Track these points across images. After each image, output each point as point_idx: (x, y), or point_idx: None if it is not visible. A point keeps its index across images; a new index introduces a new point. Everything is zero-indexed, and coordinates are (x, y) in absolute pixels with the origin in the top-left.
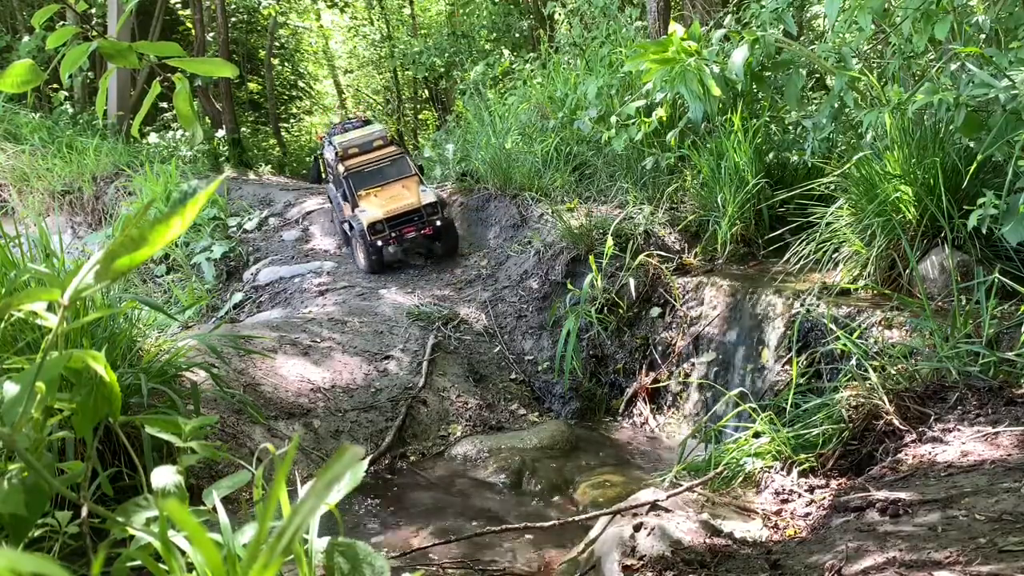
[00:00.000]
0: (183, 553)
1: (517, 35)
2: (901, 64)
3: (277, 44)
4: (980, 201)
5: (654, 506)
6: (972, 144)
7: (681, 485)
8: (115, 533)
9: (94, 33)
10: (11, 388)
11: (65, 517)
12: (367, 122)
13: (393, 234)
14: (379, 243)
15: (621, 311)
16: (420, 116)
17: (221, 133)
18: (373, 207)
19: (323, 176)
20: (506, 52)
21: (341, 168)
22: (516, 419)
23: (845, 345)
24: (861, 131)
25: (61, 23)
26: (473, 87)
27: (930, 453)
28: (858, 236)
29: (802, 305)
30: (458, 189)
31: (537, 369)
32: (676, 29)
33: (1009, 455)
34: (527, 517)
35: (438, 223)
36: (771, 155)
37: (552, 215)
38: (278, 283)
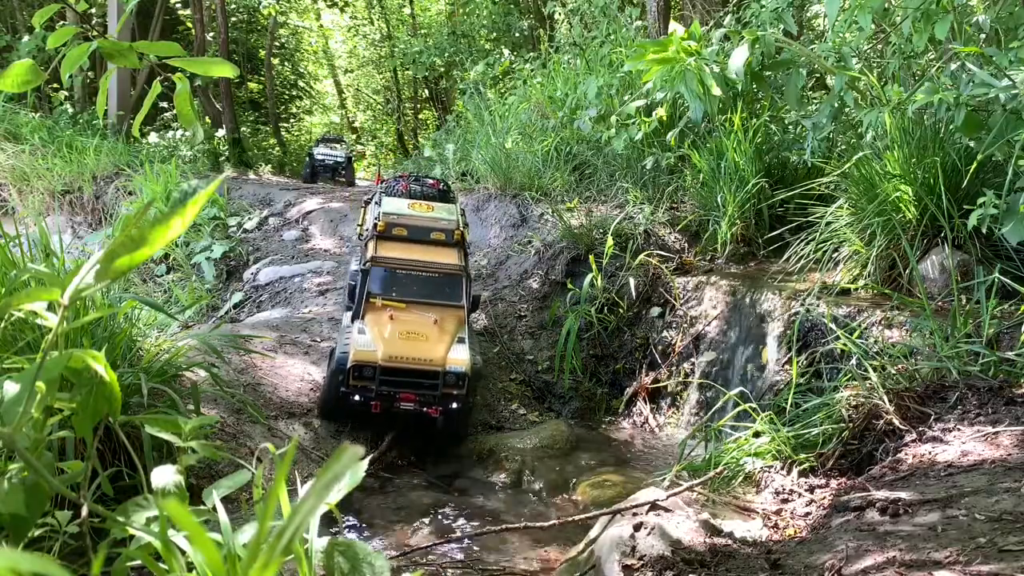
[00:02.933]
0: (183, 553)
1: (517, 35)
2: (901, 64)
3: (277, 44)
4: (980, 201)
5: (654, 506)
6: (972, 144)
7: (681, 485)
8: (115, 533)
9: (94, 33)
10: (11, 388)
11: (65, 517)
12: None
13: (382, 391)
14: (354, 396)
15: (621, 311)
16: (420, 116)
17: (221, 133)
18: (375, 335)
19: (358, 232)
20: (506, 52)
21: (369, 250)
22: (516, 419)
23: (845, 345)
24: (861, 131)
25: (61, 23)
26: (473, 87)
27: (930, 453)
28: (858, 236)
29: (802, 305)
30: (458, 189)
31: (537, 369)
32: (676, 29)
33: (1009, 455)
34: (527, 517)
35: (454, 406)
36: (771, 155)
37: (552, 215)
38: (278, 283)
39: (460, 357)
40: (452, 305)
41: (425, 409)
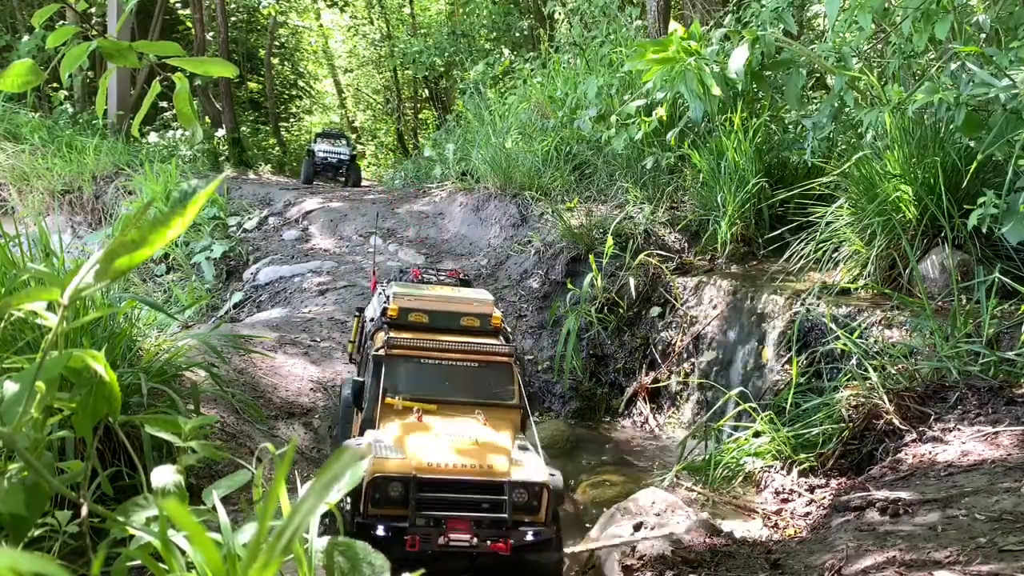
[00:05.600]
0: (183, 552)
1: (517, 34)
2: (901, 63)
3: (277, 43)
4: (980, 200)
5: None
6: (972, 143)
7: (681, 485)
8: (115, 532)
9: (94, 32)
10: (11, 387)
11: (65, 516)
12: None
13: (418, 526)
14: (377, 530)
15: (621, 311)
16: (420, 115)
17: (221, 132)
18: (399, 443)
19: (348, 351)
20: (506, 51)
21: (379, 339)
22: None
23: (845, 345)
24: (861, 130)
25: (61, 22)
26: (473, 86)
27: (930, 453)
28: (858, 235)
29: (802, 305)
30: (458, 188)
31: (537, 369)
32: (676, 28)
33: (1009, 455)
34: None
35: (529, 536)
36: (771, 154)
37: (552, 214)
38: (278, 282)
39: (532, 466)
40: (503, 404)
41: (488, 544)
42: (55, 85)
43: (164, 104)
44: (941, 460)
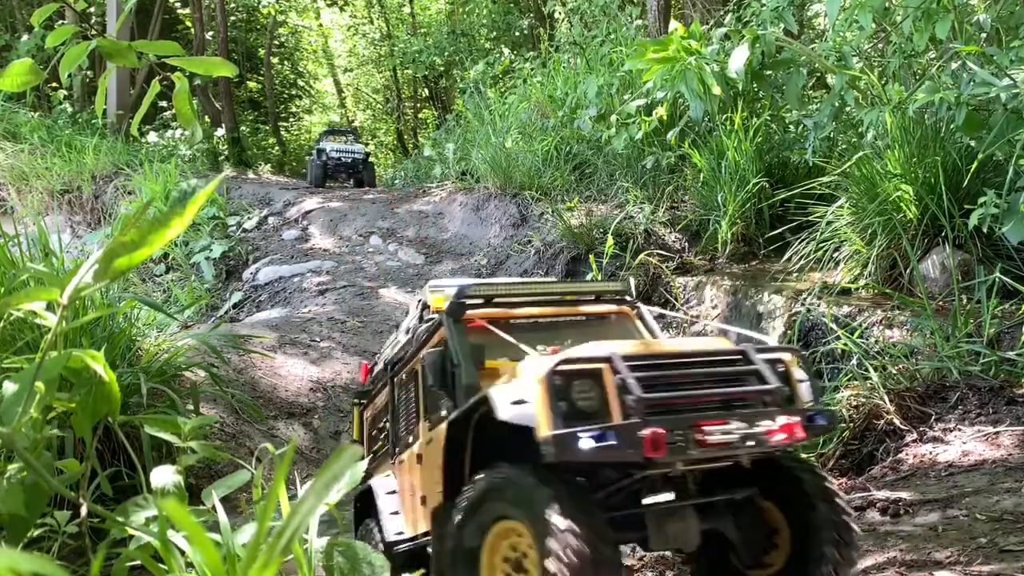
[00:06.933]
0: (182, 553)
1: (517, 34)
2: (902, 63)
3: (276, 43)
4: (981, 200)
5: None
6: (973, 143)
7: None
8: (114, 533)
9: (93, 32)
10: (10, 388)
11: (64, 517)
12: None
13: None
14: (580, 441)
15: None
16: (420, 115)
17: (220, 132)
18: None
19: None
20: (506, 51)
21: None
22: None
23: (846, 344)
24: (862, 130)
25: (60, 22)
26: (473, 86)
27: (931, 453)
28: (859, 235)
29: (802, 304)
30: (458, 188)
31: None
32: (676, 28)
33: (1010, 455)
34: None
35: (821, 421)
36: (771, 154)
37: (552, 214)
38: (277, 282)
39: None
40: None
41: (767, 433)
42: (54, 84)
43: (164, 104)
44: (942, 460)
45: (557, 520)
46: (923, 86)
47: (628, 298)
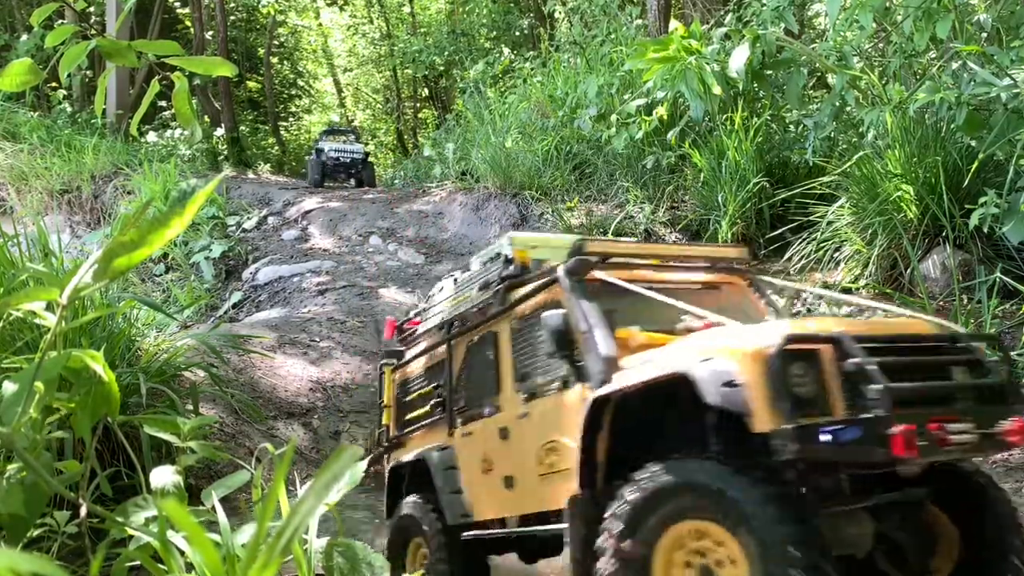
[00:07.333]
0: (182, 553)
1: (517, 33)
2: (902, 62)
3: (276, 42)
4: (981, 200)
5: None
6: (973, 143)
7: None
8: (114, 533)
9: (92, 31)
10: (10, 388)
11: (64, 517)
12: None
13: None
14: (821, 435)
15: None
16: (420, 115)
17: (220, 132)
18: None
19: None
20: (506, 50)
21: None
22: None
23: None
24: (862, 130)
25: (60, 22)
26: (473, 85)
27: None
28: (859, 235)
29: (803, 304)
30: (458, 188)
31: None
32: (677, 27)
33: (1010, 455)
34: None
35: None
36: (772, 154)
37: (552, 214)
38: (277, 282)
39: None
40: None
41: (997, 431)
42: (54, 84)
43: (163, 103)
44: None
45: (777, 530)
46: (924, 86)
47: (744, 267)
